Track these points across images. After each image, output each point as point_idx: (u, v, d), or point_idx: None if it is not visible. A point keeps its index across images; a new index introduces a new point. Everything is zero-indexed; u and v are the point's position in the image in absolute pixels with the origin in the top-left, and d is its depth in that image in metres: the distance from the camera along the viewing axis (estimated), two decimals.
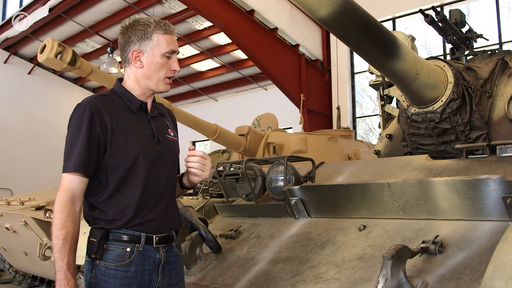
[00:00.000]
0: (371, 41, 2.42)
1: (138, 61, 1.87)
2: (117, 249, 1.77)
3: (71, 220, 1.70)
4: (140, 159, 1.81)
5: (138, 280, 1.78)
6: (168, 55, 1.87)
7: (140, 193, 1.80)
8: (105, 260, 1.75)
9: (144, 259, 1.80)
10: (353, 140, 7.30)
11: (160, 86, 1.90)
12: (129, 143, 1.80)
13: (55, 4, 11.63)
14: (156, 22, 1.87)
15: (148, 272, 1.81)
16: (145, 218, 1.81)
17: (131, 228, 1.79)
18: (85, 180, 1.76)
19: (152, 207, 1.84)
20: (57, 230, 1.68)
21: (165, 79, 1.90)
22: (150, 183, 1.83)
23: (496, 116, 3.19)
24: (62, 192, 1.73)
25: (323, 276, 2.07)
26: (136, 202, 1.79)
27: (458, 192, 1.99)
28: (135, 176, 1.80)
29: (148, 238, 1.81)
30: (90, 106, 1.78)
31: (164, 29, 1.87)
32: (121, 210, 1.78)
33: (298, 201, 2.62)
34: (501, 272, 1.35)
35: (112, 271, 1.75)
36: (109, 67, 12.74)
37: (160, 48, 1.85)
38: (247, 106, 13.46)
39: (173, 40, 1.90)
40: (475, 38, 4.37)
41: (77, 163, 1.73)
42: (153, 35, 1.85)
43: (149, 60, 1.86)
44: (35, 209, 5.20)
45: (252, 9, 10.67)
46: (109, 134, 1.78)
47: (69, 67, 4.47)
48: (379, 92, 4.51)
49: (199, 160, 1.91)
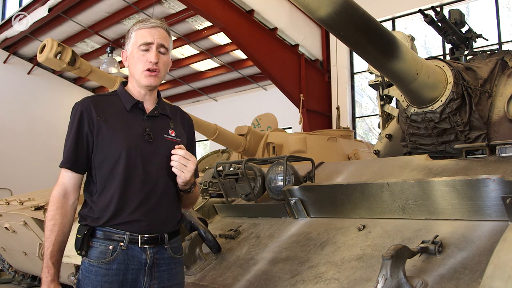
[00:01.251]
0: (371, 41, 2.42)
1: (125, 60, 1.96)
2: (100, 246, 1.79)
3: (60, 213, 1.79)
4: (123, 157, 1.81)
5: (120, 278, 1.77)
6: (143, 48, 1.88)
7: (121, 191, 1.80)
8: (89, 257, 1.79)
9: (128, 258, 1.79)
10: (353, 140, 7.30)
11: (142, 80, 1.90)
12: (115, 141, 1.82)
13: (55, 4, 11.61)
14: (138, 21, 1.94)
15: (133, 271, 1.79)
16: (129, 218, 1.80)
17: (115, 227, 1.79)
18: (75, 176, 1.85)
19: (138, 207, 1.81)
20: (47, 221, 1.79)
21: (144, 72, 1.89)
22: (134, 181, 1.82)
23: (495, 116, 3.20)
24: (56, 186, 1.84)
25: (323, 276, 2.07)
26: (116, 200, 1.79)
27: (457, 192, 1.99)
28: (117, 173, 1.81)
29: (133, 238, 1.80)
30: (81, 105, 1.86)
31: (140, 25, 1.91)
32: (104, 207, 1.80)
33: (297, 201, 2.62)
34: (501, 272, 1.35)
35: (94, 268, 1.77)
36: (108, 67, 12.77)
37: (135, 42, 1.90)
38: (246, 106, 13.45)
39: (149, 33, 1.89)
40: (474, 38, 4.37)
41: (64, 158, 1.83)
42: (132, 33, 1.93)
43: (129, 56, 1.93)
44: (35, 209, 5.19)
45: (252, 9, 10.66)
46: (96, 132, 1.82)
47: (68, 67, 4.47)
48: (378, 92, 4.51)
49: (179, 159, 1.84)
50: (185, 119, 2.11)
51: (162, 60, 1.91)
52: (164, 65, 1.92)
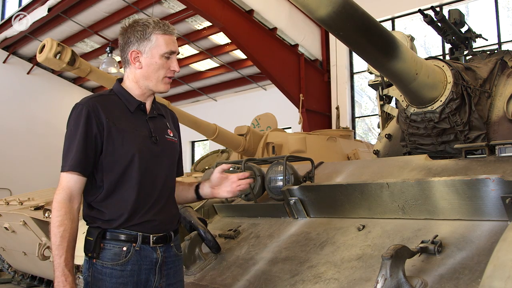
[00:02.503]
0: (370, 41, 2.42)
1: (137, 61, 1.88)
2: (114, 248, 1.77)
3: (68, 218, 1.72)
4: (136, 159, 1.80)
5: (135, 279, 1.78)
6: (167, 56, 1.87)
7: (136, 194, 1.80)
8: (101, 259, 1.77)
9: (141, 259, 1.80)
10: (352, 140, 7.30)
11: (159, 86, 1.90)
12: (125, 143, 1.80)
13: (54, 4, 11.62)
14: (155, 23, 1.87)
15: (145, 271, 1.81)
16: (143, 219, 1.81)
17: (128, 228, 1.79)
18: (82, 179, 1.78)
19: (149, 208, 1.83)
20: (55, 228, 1.70)
21: (164, 79, 1.89)
22: (146, 183, 1.83)
23: (495, 116, 3.20)
24: (60, 191, 1.75)
25: (322, 276, 2.07)
26: (132, 203, 1.79)
27: (457, 192, 1.99)
28: (130, 176, 1.80)
29: (145, 238, 1.81)
30: (87, 105, 1.79)
31: (163, 30, 1.87)
32: (117, 210, 1.79)
33: (297, 201, 2.62)
34: (500, 272, 1.35)
35: (108, 269, 1.75)
36: (108, 67, 12.76)
37: (159, 48, 1.85)
38: (246, 106, 13.46)
39: (173, 40, 1.90)
40: (474, 38, 4.38)
41: (73, 162, 1.75)
42: (152, 35, 1.85)
43: (148, 60, 1.86)
44: (34, 209, 5.20)
45: (251, 9, 10.67)
46: (106, 134, 1.79)
47: (68, 67, 4.47)
48: (378, 92, 4.51)
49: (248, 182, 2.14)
50: (173, 117, 2.13)
51: None
52: None
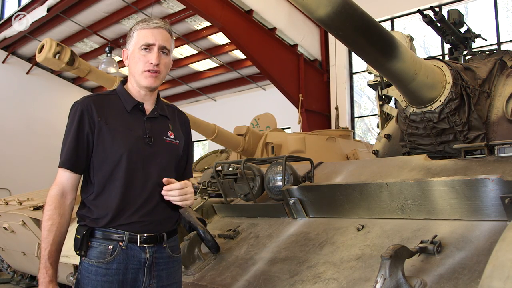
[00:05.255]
0: (370, 41, 2.42)
1: (126, 59, 1.95)
2: (100, 246, 1.79)
3: (57, 213, 1.78)
4: (124, 159, 1.80)
5: (120, 278, 1.77)
6: (144, 48, 1.86)
7: (122, 194, 1.80)
8: (88, 257, 1.79)
9: (128, 258, 1.79)
10: (352, 140, 7.30)
11: (141, 80, 1.89)
12: (115, 143, 1.81)
13: (54, 3, 11.60)
14: (141, 20, 1.93)
15: (132, 271, 1.80)
16: (131, 219, 1.80)
17: (115, 227, 1.80)
18: (74, 176, 1.83)
19: (138, 208, 1.82)
20: (44, 221, 1.77)
21: (144, 73, 1.87)
22: (135, 184, 1.82)
23: (494, 116, 3.20)
24: (53, 186, 1.82)
25: (322, 276, 2.07)
26: (117, 202, 1.79)
27: (456, 192, 1.99)
28: (117, 176, 1.81)
29: (133, 237, 1.80)
30: (81, 104, 1.84)
31: (142, 25, 1.90)
32: (104, 209, 1.80)
33: (296, 201, 2.62)
34: (499, 272, 1.35)
35: (94, 267, 1.77)
36: (107, 67, 12.76)
37: (137, 42, 1.88)
38: (245, 106, 13.45)
39: (151, 33, 1.87)
40: (473, 38, 4.38)
41: (63, 158, 1.82)
42: (134, 32, 1.91)
43: (130, 55, 1.92)
44: (33, 209, 5.19)
45: (251, 9, 10.66)
46: (96, 133, 1.81)
47: (67, 67, 4.47)
48: (377, 92, 4.51)
49: (179, 193, 1.83)
50: (182, 119, 2.10)
51: (163, 61, 1.89)
52: (165, 66, 1.91)
